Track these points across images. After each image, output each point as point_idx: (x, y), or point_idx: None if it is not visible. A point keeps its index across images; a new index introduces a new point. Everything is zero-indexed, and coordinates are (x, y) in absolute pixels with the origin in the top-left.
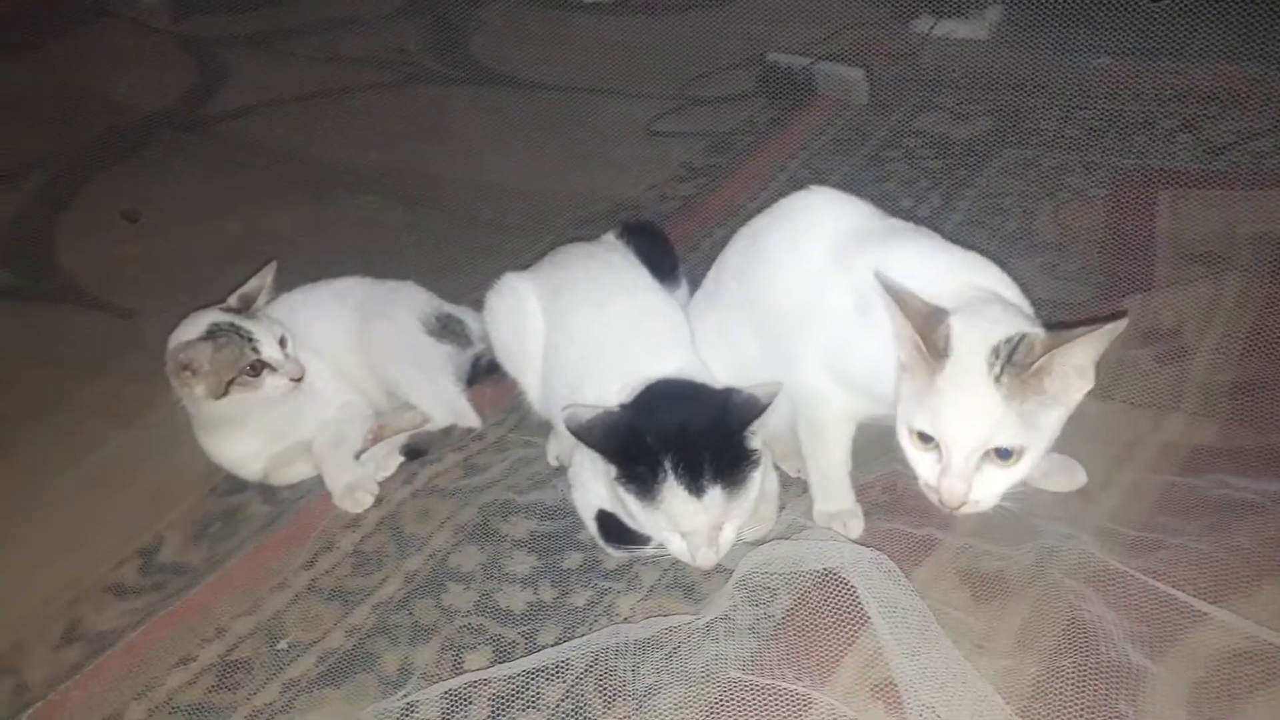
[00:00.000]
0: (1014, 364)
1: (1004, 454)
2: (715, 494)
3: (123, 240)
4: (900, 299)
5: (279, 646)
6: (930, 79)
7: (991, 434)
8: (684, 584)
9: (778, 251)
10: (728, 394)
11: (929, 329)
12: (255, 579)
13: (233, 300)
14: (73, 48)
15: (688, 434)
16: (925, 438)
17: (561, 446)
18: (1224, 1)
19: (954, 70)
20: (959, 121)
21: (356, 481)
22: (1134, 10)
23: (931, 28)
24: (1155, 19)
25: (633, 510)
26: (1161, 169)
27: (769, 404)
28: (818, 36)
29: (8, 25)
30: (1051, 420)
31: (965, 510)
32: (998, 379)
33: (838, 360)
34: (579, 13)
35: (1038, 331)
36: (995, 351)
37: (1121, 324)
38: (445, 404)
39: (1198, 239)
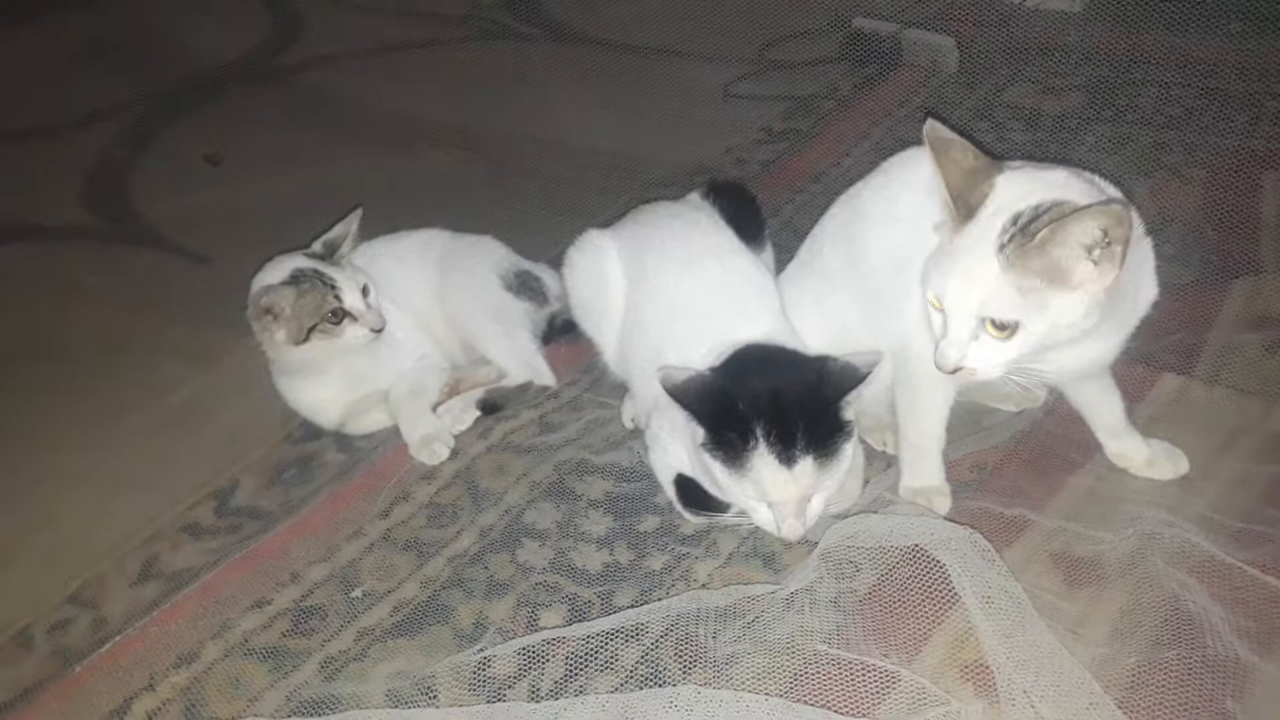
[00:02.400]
0: (1023, 233)
1: (1000, 325)
2: (806, 465)
3: (200, 186)
4: (943, 149)
5: (354, 594)
6: (1021, 50)
7: (983, 303)
8: (763, 553)
9: (873, 206)
10: (823, 362)
11: (969, 187)
12: (331, 526)
13: (317, 246)
14: None
15: (781, 401)
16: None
17: (637, 408)
18: None
19: (1046, 41)
20: (1050, 95)
21: (433, 433)
22: None
23: None
24: None
25: (718, 477)
26: (1267, 150)
27: (868, 374)
28: (903, 3)
29: None
30: (1060, 303)
31: (962, 376)
32: (1001, 248)
33: None
34: None
35: (1077, 201)
36: (1015, 219)
37: (1121, 212)
38: (522, 360)
39: None
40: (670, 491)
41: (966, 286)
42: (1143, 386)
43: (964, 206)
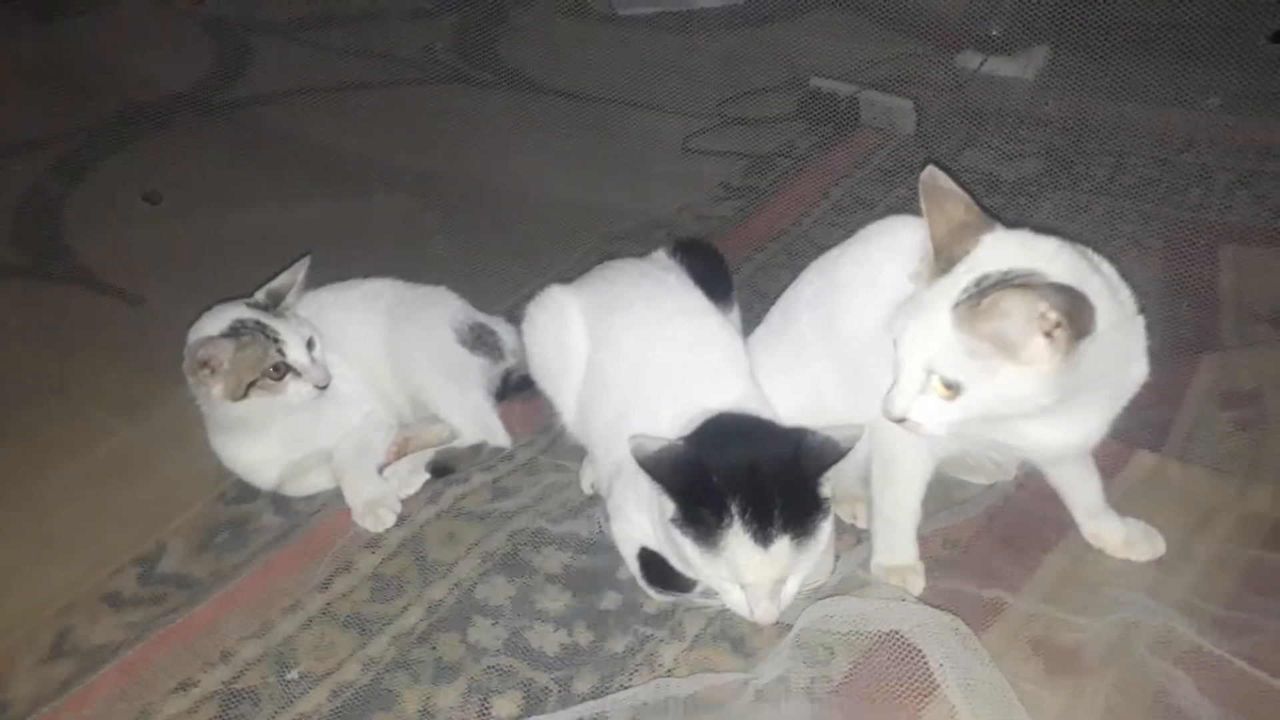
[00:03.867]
0: (979, 295)
1: (947, 383)
2: (783, 545)
3: (136, 222)
4: (937, 198)
5: (289, 676)
6: (977, 115)
7: (932, 357)
8: (732, 635)
9: (854, 274)
10: (801, 435)
11: (954, 240)
12: (265, 598)
13: (260, 296)
14: (92, 23)
15: (758, 476)
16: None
17: (598, 474)
18: None
19: (1002, 107)
20: (1007, 161)
21: (379, 498)
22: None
23: (981, 64)
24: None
25: (688, 554)
26: (1222, 223)
27: (848, 449)
28: (858, 64)
29: None
30: (1008, 375)
31: (907, 427)
32: (956, 305)
33: None
34: (612, 25)
35: (1048, 274)
36: (980, 280)
37: (1067, 299)
38: (476, 419)
39: (1263, 298)
40: (634, 567)
41: (921, 337)
42: (1116, 463)
43: (945, 259)
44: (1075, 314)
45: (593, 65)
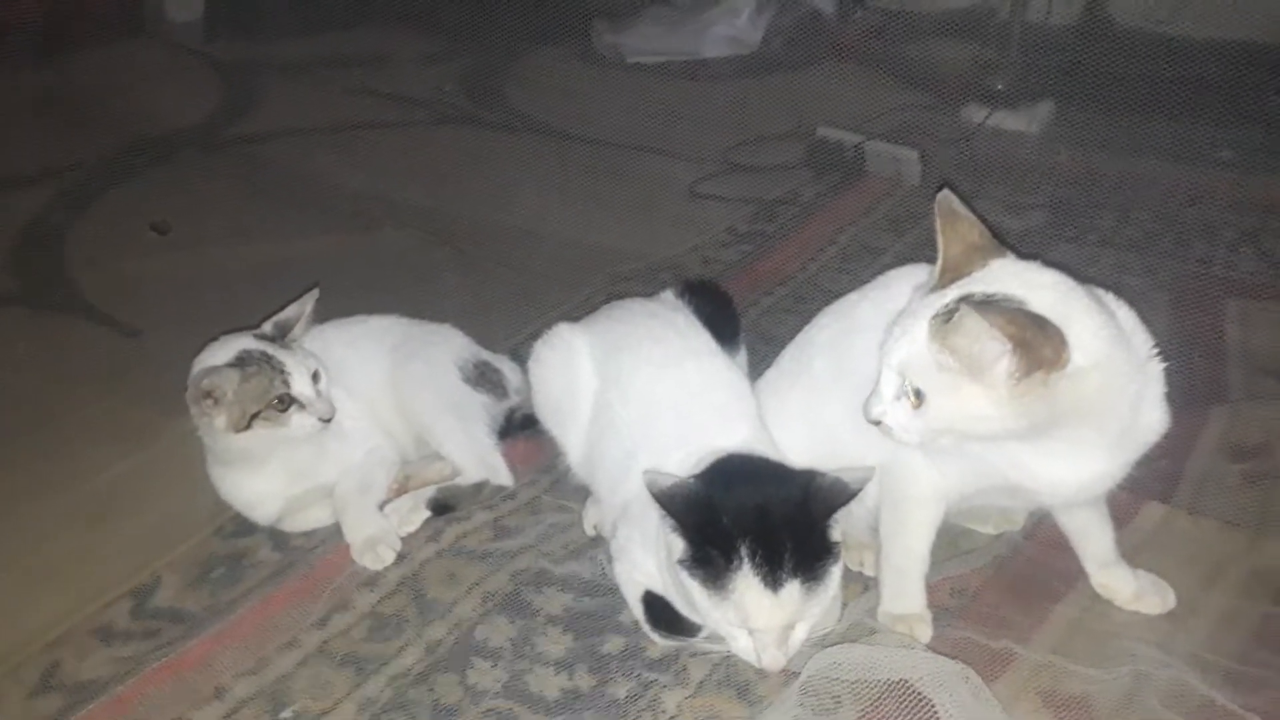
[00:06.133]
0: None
1: (914, 392)
2: (793, 589)
3: (137, 255)
4: (951, 219)
5: (284, 715)
6: (982, 167)
7: (903, 363)
8: (737, 682)
9: (873, 318)
10: (810, 476)
11: (965, 261)
12: (261, 635)
13: (267, 327)
14: (102, 60)
15: (768, 518)
16: None
17: (602, 515)
18: None
19: (1007, 160)
20: (1012, 213)
21: (379, 535)
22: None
23: (986, 117)
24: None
25: (695, 597)
26: (1227, 278)
27: (858, 490)
28: (864, 115)
29: (41, 32)
30: (969, 394)
31: (882, 431)
32: (934, 317)
33: None
34: (620, 71)
35: (1028, 302)
36: (965, 298)
37: (1000, 330)
38: (479, 457)
39: (1270, 353)
40: (637, 610)
41: (900, 343)
42: (1126, 514)
43: (949, 279)
44: (1030, 344)
45: (602, 110)
